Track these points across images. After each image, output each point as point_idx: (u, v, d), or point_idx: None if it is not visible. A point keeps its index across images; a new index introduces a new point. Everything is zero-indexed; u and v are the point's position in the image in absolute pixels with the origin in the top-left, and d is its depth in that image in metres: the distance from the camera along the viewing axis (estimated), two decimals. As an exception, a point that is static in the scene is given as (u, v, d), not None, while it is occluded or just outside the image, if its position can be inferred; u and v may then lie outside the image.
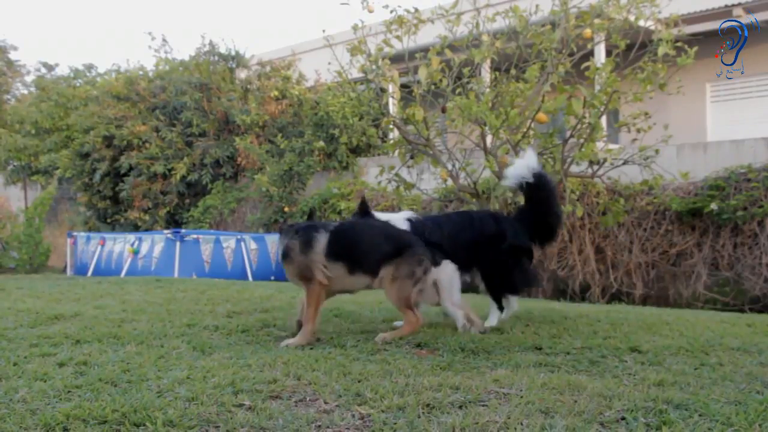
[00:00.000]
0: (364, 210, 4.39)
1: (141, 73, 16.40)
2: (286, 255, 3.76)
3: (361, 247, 3.80)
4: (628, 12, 7.14)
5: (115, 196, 15.36)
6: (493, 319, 4.32)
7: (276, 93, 14.30)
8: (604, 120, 7.64)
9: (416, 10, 7.53)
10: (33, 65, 40.52)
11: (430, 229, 4.19)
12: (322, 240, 3.71)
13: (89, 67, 20.21)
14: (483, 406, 2.38)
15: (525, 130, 7.31)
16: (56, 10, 62.74)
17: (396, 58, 7.94)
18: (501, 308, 4.36)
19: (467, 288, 4.44)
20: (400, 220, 4.24)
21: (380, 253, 3.75)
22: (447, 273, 3.90)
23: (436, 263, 3.82)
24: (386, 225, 4.06)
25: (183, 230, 11.53)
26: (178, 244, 10.61)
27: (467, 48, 7.45)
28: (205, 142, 14.25)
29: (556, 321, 4.48)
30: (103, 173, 15.12)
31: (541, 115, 7.01)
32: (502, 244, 4.25)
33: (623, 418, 2.23)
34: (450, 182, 8.23)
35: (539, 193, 4.33)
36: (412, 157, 7.87)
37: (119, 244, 11.58)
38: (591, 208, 9.04)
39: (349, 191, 12.07)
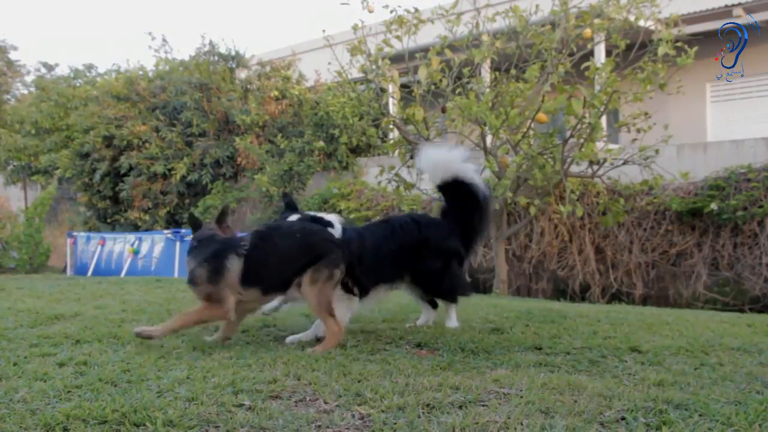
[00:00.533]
0: (290, 206, 4.16)
1: (141, 73, 16.40)
2: (192, 281, 3.53)
3: (278, 267, 3.53)
4: (628, 12, 7.15)
5: (115, 196, 15.35)
6: (453, 319, 4.19)
7: (276, 93, 14.29)
8: (604, 120, 7.65)
9: (416, 10, 7.54)
10: (33, 65, 40.54)
11: (354, 240, 3.89)
12: (234, 268, 3.46)
13: (89, 67, 20.21)
14: (483, 406, 2.38)
15: (525, 130, 7.31)
16: (56, 10, 62.77)
17: (396, 58, 7.94)
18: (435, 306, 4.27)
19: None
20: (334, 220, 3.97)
21: (297, 269, 3.49)
22: None
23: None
24: (304, 231, 3.67)
25: (183, 230, 11.52)
26: (178, 244, 10.61)
27: (467, 48, 7.45)
28: (205, 142, 14.25)
29: (556, 321, 4.48)
30: (103, 173, 15.11)
31: (541, 115, 7.01)
32: (428, 249, 4.03)
33: (623, 418, 2.23)
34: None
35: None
36: (412, 157, 7.88)
37: (119, 244, 11.59)
38: (591, 208, 9.04)
39: (349, 191, 12.07)
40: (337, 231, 3.85)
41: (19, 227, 13.96)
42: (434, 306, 4.32)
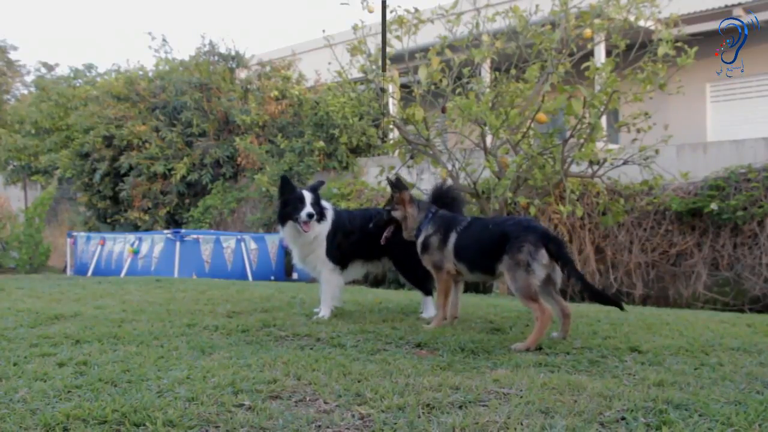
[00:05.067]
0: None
1: (141, 73, 16.38)
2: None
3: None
4: (628, 12, 7.14)
5: (115, 196, 15.35)
6: (430, 310, 4.66)
7: (276, 93, 14.28)
8: (604, 120, 7.64)
9: (416, 10, 7.52)
10: (33, 65, 40.56)
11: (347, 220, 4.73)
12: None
13: (89, 67, 20.17)
14: (483, 406, 2.38)
15: (525, 130, 7.31)
16: (56, 10, 62.75)
17: (396, 58, 7.94)
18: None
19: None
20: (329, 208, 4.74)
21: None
22: None
23: None
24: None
25: (183, 230, 11.52)
26: (178, 244, 10.60)
27: (467, 48, 7.44)
28: (205, 142, 14.24)
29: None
30: (103, 173, 15.11)
31: (541, 115, 7.00)
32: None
33: (623, 418, 2.23)
34: (450, 182, 8.21)
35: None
36: (412, 157, 7.87)
37: (119, 244, 11.58)
38: (591, 208, 9.03)
39: (349, 191, 12.07)
40: (329, 213, 4.67)
41: (19, 227, 13.95)
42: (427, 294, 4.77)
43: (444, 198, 4.57)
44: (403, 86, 8.17)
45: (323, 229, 4.60)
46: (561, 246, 3.67)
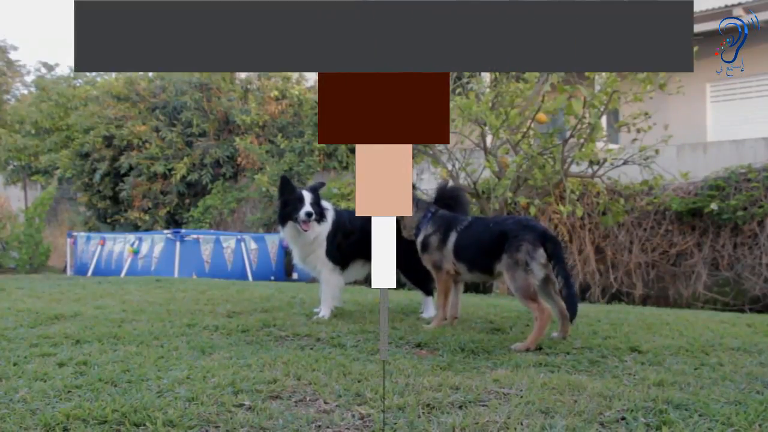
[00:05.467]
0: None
1: (141, 72, 16.39)
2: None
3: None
4: (628, 12, 7.12)
5: (115, 196, 15.35)
6: (430, 310, 4.71)
7: (276, 93, 14.29)
8: (604, 120, 7.65)
9: (416, 10, 7.51)
10: (33, 65, 40.63)
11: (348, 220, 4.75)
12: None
13: (89, 67, 20.15)
14: (483, 406, 2.38)
15: (525, 130, 7.31)
16: (56, 10, 62.77)
17: (396, 58, 7.92)
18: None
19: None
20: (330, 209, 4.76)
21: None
22: None
23: None
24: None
25: (183, 230, 11.52)
26: (178, 244, 10.60)
27: (467, 48, 7.44)
28: (205, 142, 14.24)
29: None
30: (103, 173, 15.11)
31: (541, 115, 7.01)
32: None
33: (623, 418, 2.23)
34: (451, 183, 8.21)
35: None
36: (412, 157, 7.87)
37: (119, 244, 11.58)
38: (591, 208, 9.03)
39: (349, 191, 12.06)
40: (330, 213, 4.68)
41: (19, 227, 13.95)
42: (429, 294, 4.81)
43: (448, 198, 4.58)
44: (403, 86, 8.16)
45: (323, 229, 4.61)
46: (557, 246, 3.67)
